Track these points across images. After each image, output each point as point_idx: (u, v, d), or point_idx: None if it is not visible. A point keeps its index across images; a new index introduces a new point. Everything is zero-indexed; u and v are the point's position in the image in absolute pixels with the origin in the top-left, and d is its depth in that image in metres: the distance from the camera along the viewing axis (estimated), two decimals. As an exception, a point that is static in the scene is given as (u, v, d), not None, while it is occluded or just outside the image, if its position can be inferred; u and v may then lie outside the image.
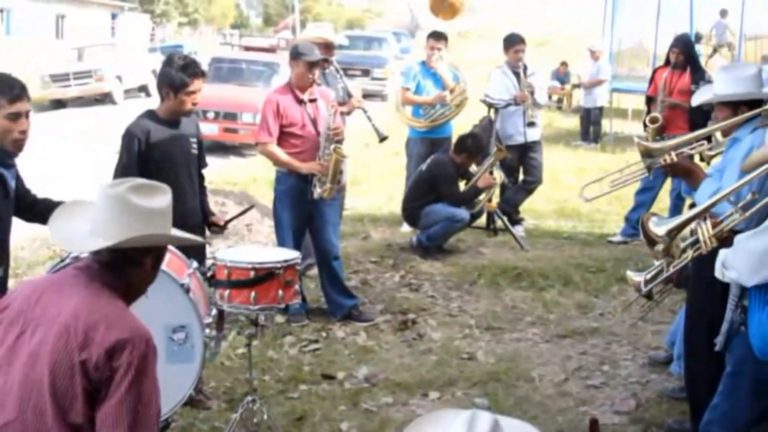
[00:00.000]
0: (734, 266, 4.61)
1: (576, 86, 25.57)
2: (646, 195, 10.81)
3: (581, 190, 6.64)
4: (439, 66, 10.94)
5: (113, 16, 52.30)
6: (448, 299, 8.81)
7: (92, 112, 27.13)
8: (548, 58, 31.04)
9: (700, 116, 10.06)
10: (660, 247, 5.02)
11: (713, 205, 5.01)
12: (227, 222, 6.76)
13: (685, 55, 10.58)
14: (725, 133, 5.80)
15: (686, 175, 5.88)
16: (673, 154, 5.79)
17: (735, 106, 5.65)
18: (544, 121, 19.20)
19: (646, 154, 5.88)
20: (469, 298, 8.86)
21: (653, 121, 10.23)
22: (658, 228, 5.03)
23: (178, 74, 6.15)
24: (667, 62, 10.90)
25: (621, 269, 8.85)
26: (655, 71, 11.27)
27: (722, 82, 5.81)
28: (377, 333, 7.88)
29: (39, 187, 5.61)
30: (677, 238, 5.12)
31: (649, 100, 11.07)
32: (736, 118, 5.59)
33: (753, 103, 5.64)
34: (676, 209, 10.43)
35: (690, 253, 5.25)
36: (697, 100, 6.53)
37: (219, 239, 9.42)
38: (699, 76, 10.54)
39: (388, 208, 12.53)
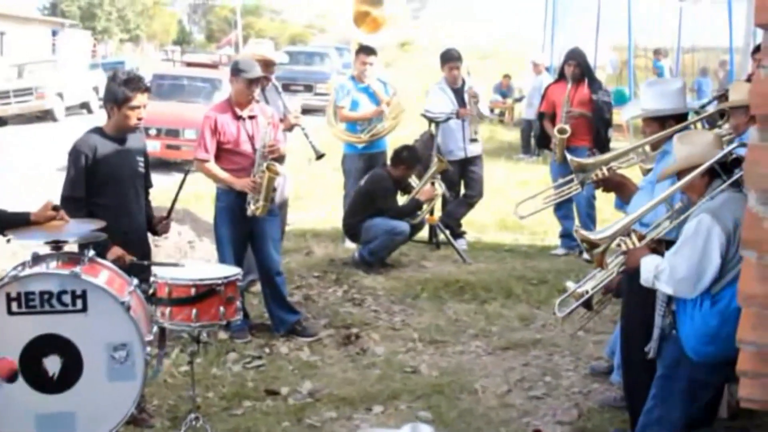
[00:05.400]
0: (669, 284, 4.76)
1: (518, 100, 25.74)
2: (565, 208, 10.94)
3: (515, 208, 6.73)
4: (371, 81, 11.00)
5: (54, 33, 51.87)
6: (391, 313, 8.83)
7: (33, 129, 26.87)
8: (491, 72, 31.25)
9: (601, 125, 10.33)
10: (600, 249, 5.10)
11: (647, 211, 5.14)
12: (170, 211, 6.76)
13: (581, 68, 10.78)
14: (654, 146, 5.95)
15: (618, 188, 6.02)
16: (604, 168, 5.92)
17: (662, 120, 5.82)
18: (486, 135, 19.33)
19: (580, 169, 5.99)
20: (412, 312, 8.88)
21: (561, 131, 10.45)
22: (600, 234, 5.13)
23: (120, 89, 6.17)
24: (560, 77, 11.09)
25: (562, 281, 8.93)
26: (547, 88, 11.46)
27: (649, 98, 5.96)
28: (321, 348, 7.87)
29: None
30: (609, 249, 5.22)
31: (542, 116, 11.26)
32: (663, 132, 5.75)
33: (679, 117, 5.82)
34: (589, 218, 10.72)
35: (616, 268, 5.39)
36: (625, 115, 6.69)
37: (161, 256, 9.37)
38: (597, 86, 10.85)
39: (331, 224, 12.52)
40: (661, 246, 5.17)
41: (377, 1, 12.15)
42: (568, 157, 6.23)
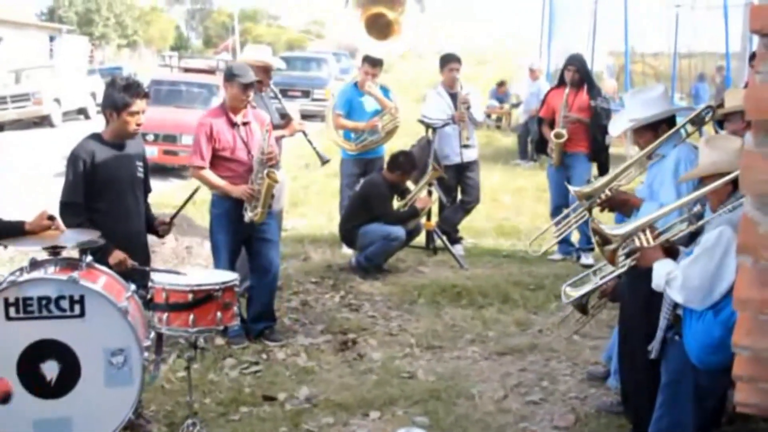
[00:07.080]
0: (680, 293, 4.75)
1: (515, 105, 25.76)
2: (561, 212, 10.97)
3: (529, 246, 6.77)
4: (372, 90, 10.98)
5: (51, 39, 51.83)
6: (388, 319, 8.84)
7: (30, 134, 26.85)
8: (488, 77, 31.26)
9: (598, 132, 10.35)
10: (611, 247, 5.12)
11: (665, 214, 5.15)
12: (173, 216, 6.79)
13: (581, 73, 10.80)
14: (651, 156, 5.98)
15: (623, 205, 6.07)
16: (606, 190, 5.97)
17: (655, 126, 5.85)
18: (483, 140, 19.34)
19: (584, 197, 6.03)
20: (409, 317, 8.89)
21: (558, 136, 10.48)
22: (616, 230, 5.15)
23: (120, 94, 6.18)
24: (561, 83, 11.11)
25: (559, 286, 8.91)
26: (548, 93, 11.49)
27: (636, 107, 6.00)
28: (318, 353, 7.86)
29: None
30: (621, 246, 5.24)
31: (541, 122, 11.28)
32: (661, 139, 5.78)
33: (670, 121, 5.86)
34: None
35: (627, 262, 5.39)
36: (616, 130, 6.72)
37: (158, 262, 9.37)
38: (596, 93, 10.89)
39: (328, 229, 12.54)
40: (675, 247, 5.18)
41: (395, 2, 11.81)
42: (571, 189, 6.29)
